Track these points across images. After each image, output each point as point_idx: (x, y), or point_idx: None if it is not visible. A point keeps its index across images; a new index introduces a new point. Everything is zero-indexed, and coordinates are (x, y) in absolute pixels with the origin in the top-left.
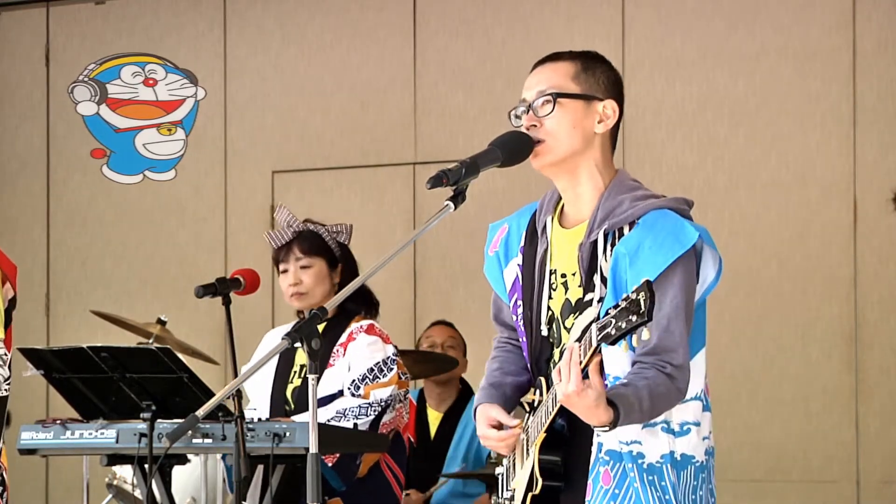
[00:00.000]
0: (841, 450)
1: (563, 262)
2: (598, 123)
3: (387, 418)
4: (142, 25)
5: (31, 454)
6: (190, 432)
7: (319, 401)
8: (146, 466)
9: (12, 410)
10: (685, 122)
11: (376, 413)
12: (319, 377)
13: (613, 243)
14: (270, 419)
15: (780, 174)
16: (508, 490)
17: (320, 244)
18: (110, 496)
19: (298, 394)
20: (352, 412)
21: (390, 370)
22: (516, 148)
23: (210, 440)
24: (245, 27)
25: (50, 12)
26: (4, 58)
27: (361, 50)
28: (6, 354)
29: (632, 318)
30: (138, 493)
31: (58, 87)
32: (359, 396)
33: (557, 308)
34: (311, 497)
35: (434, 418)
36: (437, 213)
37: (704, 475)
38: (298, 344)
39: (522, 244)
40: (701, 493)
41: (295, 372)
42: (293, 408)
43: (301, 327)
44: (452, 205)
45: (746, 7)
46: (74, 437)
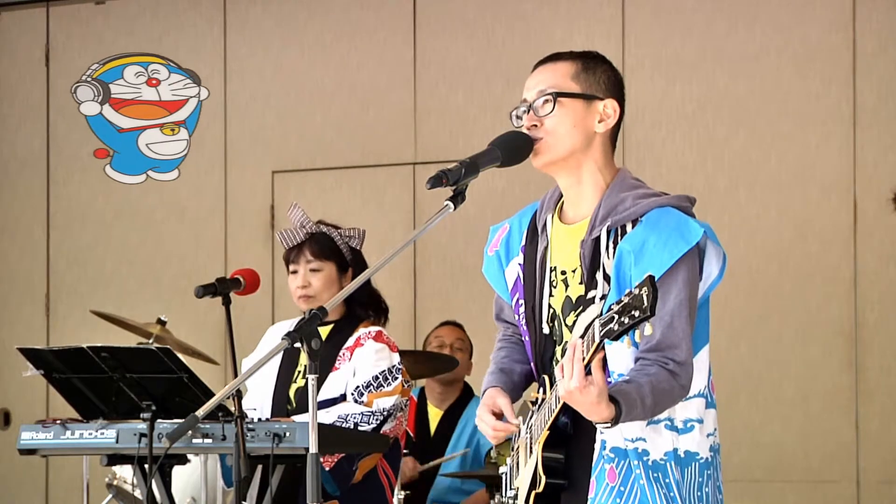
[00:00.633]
0: (841, 450)
1: (563, 259)
2: (599, 123)
3: (387, 427)
4: (142, 25)
5: (31, 454)
6: (190, 432)
7: (321, 403)
8: (146, 466)
9: (12, 410)
10: (685, 122)
11: (378, 422)
12: (320, 377)
13: (616, 241)
14: (270, 419)
15: (780, 174)
16: (512, 489)
17: (332, 248)
18: (110, 496)
19: (301, 394)
20: (353, 418)
21: (395, 379)
22: (516, 147)
23: (210, 440)
24: (245, 27)
25: (50, 12)
26: (4, 58)
27: (361, 50)
28: None
29: (634, 314)
30: (138, 493)
31: (58, 88)
32: (362, 403)
33: (558, 305)
34: (311, 497)
35: (434, 415)
36: (437, 214)
37: (710, 472)
38: (298, 344)
39: (523, 243)
40: (707, 490)
41: (299, 372)
42: (294, 407)
43: (301, 327)
44: (452, 205)
45: (746, 7)
46: (74, 437)
